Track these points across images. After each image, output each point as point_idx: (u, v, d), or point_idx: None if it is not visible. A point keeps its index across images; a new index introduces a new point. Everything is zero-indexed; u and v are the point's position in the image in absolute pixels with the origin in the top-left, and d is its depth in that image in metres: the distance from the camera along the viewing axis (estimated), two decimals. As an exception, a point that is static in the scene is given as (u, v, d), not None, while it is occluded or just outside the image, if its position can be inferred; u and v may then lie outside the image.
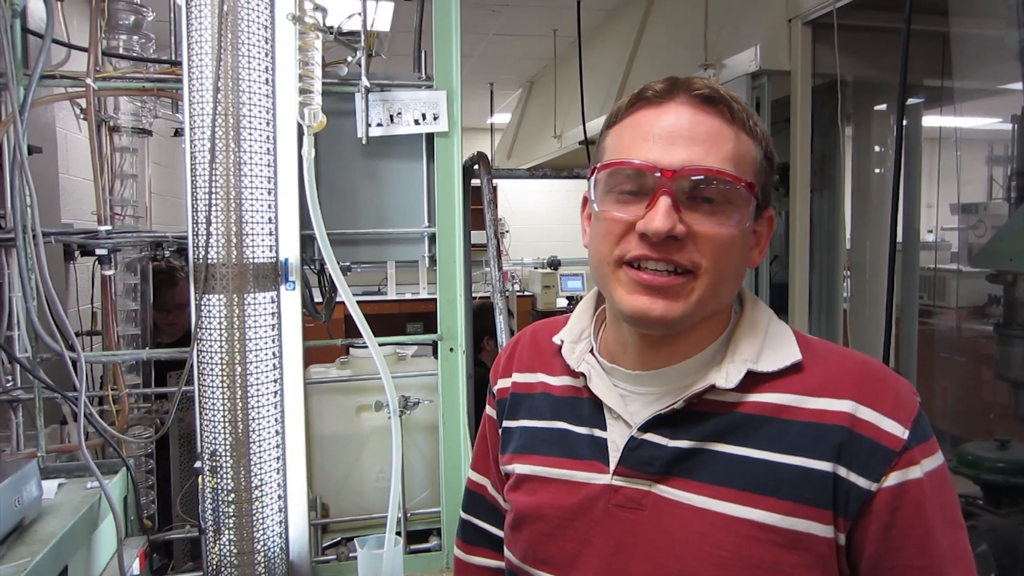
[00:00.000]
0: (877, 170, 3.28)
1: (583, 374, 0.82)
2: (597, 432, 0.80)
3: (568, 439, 0.82)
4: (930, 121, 3.33)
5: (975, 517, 2.43)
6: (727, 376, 0.74)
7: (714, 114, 0.72)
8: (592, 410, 0.81)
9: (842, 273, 3.27)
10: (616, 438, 0.78)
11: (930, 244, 4.30)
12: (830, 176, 3.20)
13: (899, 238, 2.98)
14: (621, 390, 0.80)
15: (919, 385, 3.26)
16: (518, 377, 0.92)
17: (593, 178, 0.75)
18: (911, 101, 3.07)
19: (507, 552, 0.88)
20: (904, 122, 2.30)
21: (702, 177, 0.70)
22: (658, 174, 0.69)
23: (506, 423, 0.91)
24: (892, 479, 0.68)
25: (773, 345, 0.76)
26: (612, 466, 0.77)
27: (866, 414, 0.70)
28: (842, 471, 0.69)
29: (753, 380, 0.74)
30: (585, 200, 0.81)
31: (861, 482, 0.69)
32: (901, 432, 0.69)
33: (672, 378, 0.77)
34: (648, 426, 0.76)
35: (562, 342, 0.87)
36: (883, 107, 3.22)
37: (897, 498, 0.68)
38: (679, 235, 0.69)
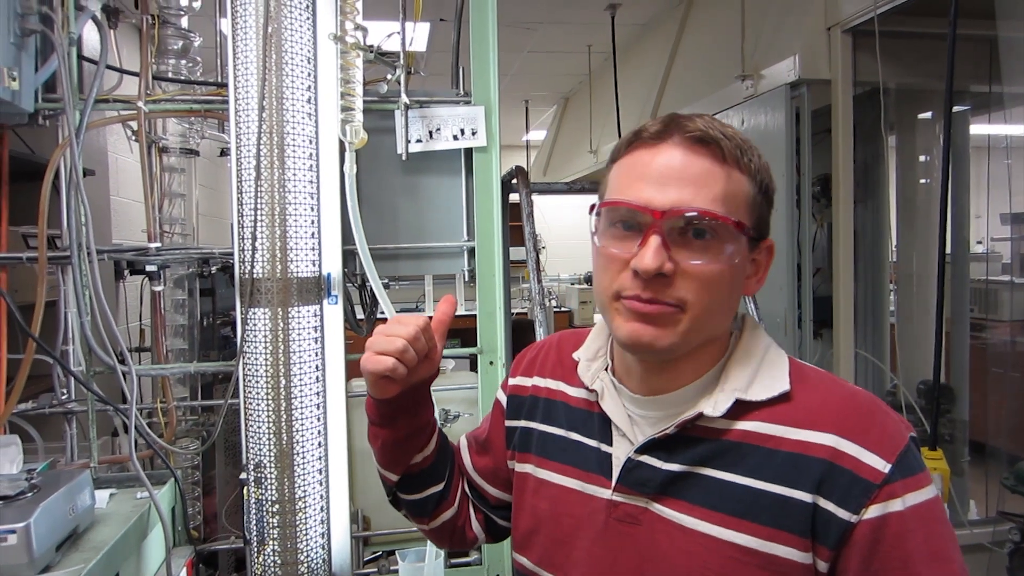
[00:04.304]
0: (923, 180, 3.20)
1: (596, 390, 0.87)
2: (604, 447, 0.84)
3: (581, 450, 0.87)
4: (978, 129, 3.25)
5: (1035, 538, 2.34)
6: (715, 405, 0.77)
7: (705, 154, 0.76)
8: (602, 425, 0.86)
9: (888, 286, 3.19)
10: (620, 455, 0.82)
11: (980, 255, 4.18)
12: (874, 186, 3.13)
13: (947, 249, 2.90)
14: (628, 410, 0.84)
15: (971, 402, 3.15)
16: (539, 381, 0.97)
17: (594, 214, 0.81)
18: (957, 108, 3.00)
19: (519, 556, 0.92)
20: (951, 130, 2.25)
21: (691, 216, 0.74)
22: (649, 214, 0.74)
23: (525, 423, 0.96)
24: (872, 511, 0.70)
25: (764, 375, 0.79)
26: (613, 482, 0.82)
27: (848, 447, 0.72)
28: (822, 502, 0.72)
29: (742, 408, 0.77)
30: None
31: (841, 513, 0.71)
32: (883, 466, 0.71)
33: (669, 404, 0.81)
34: (644, 448, 0.80)
35: (580, 359, 0.92)
36: (928, 115, 3.14)
37: (877, 530, 0.70)
38: (667, 272, 0.73)
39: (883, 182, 3.11)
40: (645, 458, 0.80)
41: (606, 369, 0.88)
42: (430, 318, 0.87)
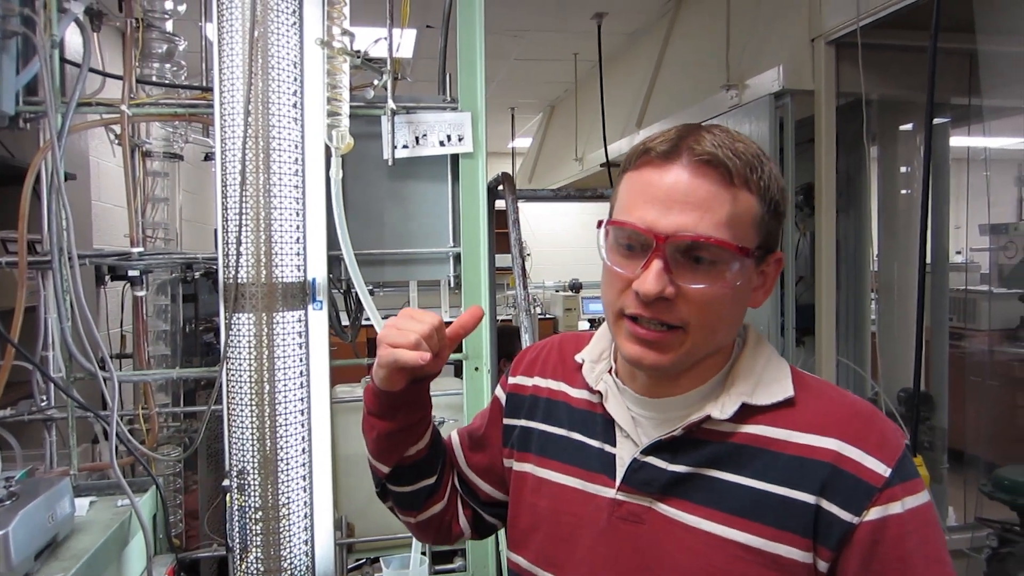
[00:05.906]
0: (904, 190, 3.24)
1: (600, 392, 0.88)
2: (607, 447, 0.85)
3: (583, 450, 0.88)
4: (957, 141, 3.30)
5: (1012, 544, 2.36)
6: (723, 408, 0.79)
7: (713, 177, 0.75)
8: (604, 426, 0.87)
9: (869, 295, 3.22)
10: (624, 455, 0.84)
11: (960, 265, 4.23)
12: (856, 196, 3.17)
13: (928, 259, 2.94)
14: (632, 412, 0.85)
15: (950, 410, 3.19)
16: (540, 381, 0.98)
17: (602, 229, 0.81)
18: (938, 120, 3.04)
19: (514, 555, 0.93)
20: (931, 141, 2.28)
21: (694, 241, 0.74)
22: (652, 238, 0.75)
23: (524, 422, 0.96)
24: (873, 513, 0.72)
25: (768, 381, 0.81)
26: (617, 482, 0.83)
27: (851, 452, 0.74)
28: (825, 504, 0.74)
29: (747, 412, 0.79)
30: None
31: (843, 515, 0.73)
32: (883, 470, 0.73)
33: (674, 407, 0.83)
34: (649, 450, 0.82)
35: (583, 361, 0.93)
36: (909, 126, 3.19)
37: (878, 531, 0.72)
38: (668, 296, 0.75)
39: (865, 192, 3.15)
40: (650, 459, 0.81)
41: (609, 371, 0.90)
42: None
